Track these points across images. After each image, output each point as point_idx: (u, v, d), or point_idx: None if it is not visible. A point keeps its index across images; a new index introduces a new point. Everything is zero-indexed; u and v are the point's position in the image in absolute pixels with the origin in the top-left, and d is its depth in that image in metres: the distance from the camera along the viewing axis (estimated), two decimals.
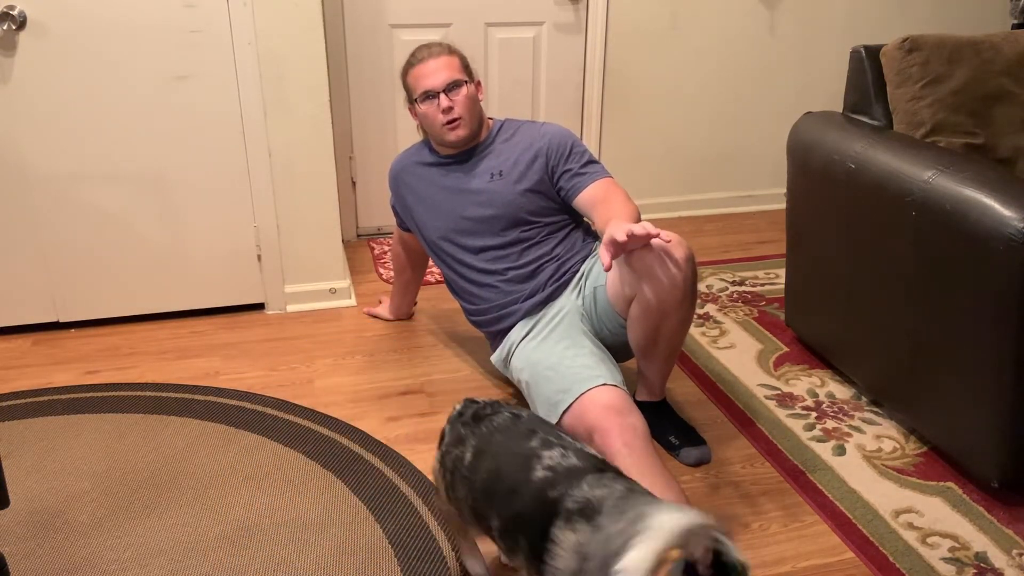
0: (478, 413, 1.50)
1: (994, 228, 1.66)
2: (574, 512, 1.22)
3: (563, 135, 2.21)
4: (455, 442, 1.48)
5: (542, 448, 1.36)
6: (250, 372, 2.45)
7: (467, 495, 1.43)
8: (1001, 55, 2.21)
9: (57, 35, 2.39)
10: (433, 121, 2.18)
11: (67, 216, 2.57)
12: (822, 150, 2.21)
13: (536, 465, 1.33)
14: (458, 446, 1.47)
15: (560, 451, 1.35)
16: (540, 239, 2.19)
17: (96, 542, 1.76)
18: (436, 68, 2.14)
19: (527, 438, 1.39)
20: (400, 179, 2.36)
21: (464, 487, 1.43)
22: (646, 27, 3.46)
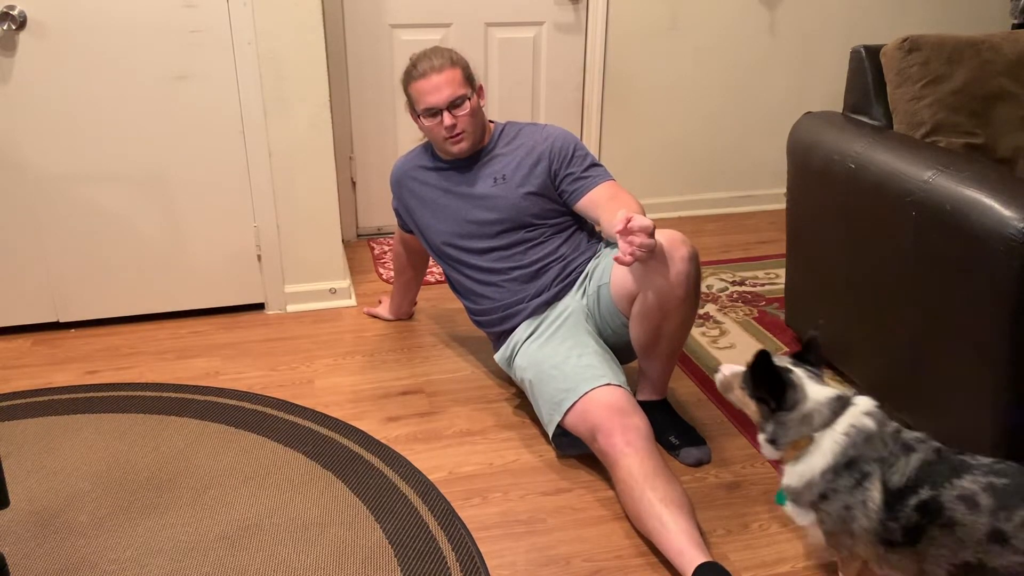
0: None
1: (994, 228, 1.66)
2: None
3: (565, 138, 2.20)
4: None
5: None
6: (250, 372, 2.45)
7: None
8: (1001, 55, 2.21)
9: (57, 35, 2.39)
10: (436, 135, 2.17)
11: (67, 216, 2.57)
12: (822, 150, 2.21)
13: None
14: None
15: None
16: (544, 239, 2.19)
17: (96, 542, 1.76)
18: (439, 84, 2.11)
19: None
20: (402, 183, 2.36)
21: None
22: (646, 27, 3.46)
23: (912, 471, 1.38)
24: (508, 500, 1.91)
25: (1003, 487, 1.32)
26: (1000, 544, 1.29)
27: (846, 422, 1.43)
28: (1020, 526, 1.28)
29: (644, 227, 1.72)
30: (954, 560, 1.33)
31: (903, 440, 1.42)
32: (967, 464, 1.37)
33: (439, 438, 2.14)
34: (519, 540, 1.79)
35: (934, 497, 1.35)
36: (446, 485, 1.95)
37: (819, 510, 1.46)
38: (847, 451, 1.41)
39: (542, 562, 1.73)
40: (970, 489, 1.33)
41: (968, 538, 1.31)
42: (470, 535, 1.79)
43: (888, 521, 1.38)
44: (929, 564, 1.36)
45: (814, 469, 1.44)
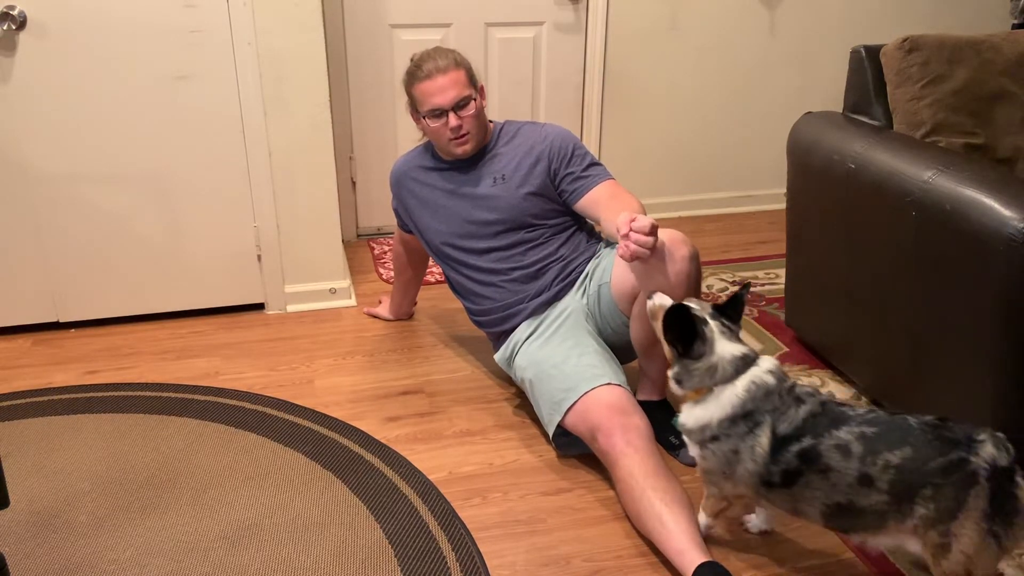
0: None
1: (994, 228, 1.66)
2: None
3: (564, 138, 2.20)
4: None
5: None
6: (250, 372, 2.45)
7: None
8: (1001, 55, 2.21)
9: (57, 35, 2.39)
10: (441, 136, 2.17)
11: (67, 216, 2.57)
12: (822, 150, 2.21)
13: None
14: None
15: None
16: (544, 240, 2.19)
17: (96, 542, 1.76)
18: (444, 86, 2.10)
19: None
20: (402, 183, 2.36)
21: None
22: (646, 27, 3.46)
23: (799, 421, 1.50)
24: (508, 500, 1.91)
25: (872, 435, 1.45)
26: (867, 487, 1.43)
27: (747, 378, 1.54)
28: (883, 469, 1.42)
29: (641, 227, 1.72)
30: (827, 501, 1.48)
31: (796, 393, 1.54)
32: (846, 415, 1.50)
33: (439, 438, 2.14)
34: (519, 540, 1.79)
35: (814, 446, 1.48)
36: (446, 485, 1.95)
37: (705, 448, 1.59)
38: (745, 404, 1.53)
39: (542, 562, 1.73)
40: (845, 439, 1.46)
41: (840, 482, 1.45)
42: (470, 535, 1.79)
43: (770, 465, 1.51)
44: (803, 504, 1.51)
45: (711, 416, 1.56)
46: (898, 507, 1.42)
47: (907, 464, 1.40)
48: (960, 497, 1.36)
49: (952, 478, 1.37)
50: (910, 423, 1.45)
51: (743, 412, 1.53)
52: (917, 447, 1.41)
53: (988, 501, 1.35)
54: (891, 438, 1.43)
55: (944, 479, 1.38)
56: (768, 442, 1.51)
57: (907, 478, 1.40)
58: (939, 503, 1.38)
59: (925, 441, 1.41)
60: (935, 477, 1.38)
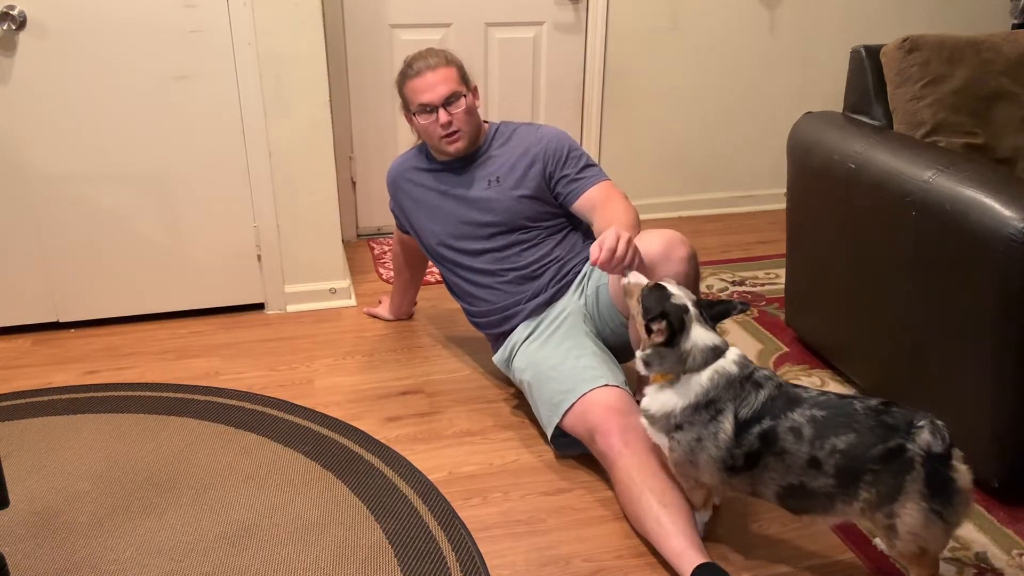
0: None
1: (994, 228, 1.66)
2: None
3: (559, 139, 2.20)
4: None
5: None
6: (250, 372, 2.45)
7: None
8: (1001, 55, 2.21)
9: (57, 35, 2.39)
10: (432, 134, 2.17)
11: (67, 216, 2.57)
12: (822, 150, 2.21)
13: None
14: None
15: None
16: (539, 241, 2.19)
17: (96, 542, 1.76)
18: (434, 82, 2.12)
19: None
20: (398, 185, 2.36)
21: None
22: (646, 27, 3.46)
23: (759, 404, 1.54)
24: (508, 500, 1.91)
25: (821, 418, 1.49)
26: (816, 469, 1.48)
27: (712, 368, 1.57)
28: (830, 453, 1.47)
29: (610, 250, 1.70)
30: (781, 483, 1.53)
31: (755, 379, 1.57)
32: (800, 398, 1.54)
33: (439, 438, 2.14)
34: (519, 540, 1.79)
35: (772, 427, 1.52)
36: (446, 485, 1.95)
37: (672, 438, 1.61)
38: (708, 393, 1.56)
39: (542, 562, 1.73)
40: (798, 421, 1.50)
41: (793, 464, 1.50)
42: (470, 535, 1.79)
43: (734, 449, 1.55)
44: (760, 486, 1.56)
45: (675, 404, 1.59)
46: (844, 490, 1.47)
47: (851, 450, 1.45)
48: (898, 482, 1.42)
49: (890, 465, 1.42)
50: (855, 408, 1.49)
51: (706, 401, 1.56)
52: (860, 433, 1.46)
53: (924, 484, 1.41)
54: (837, 423, 1.48)
55: (883, 465, 1.43)
56: (731, 428, 1.54)
57: (850, 464, 1.45)
58: (879, 488, 1.43)
59: (868, 427, 1.46)
60: (875, 463, 1.43)
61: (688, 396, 1.58)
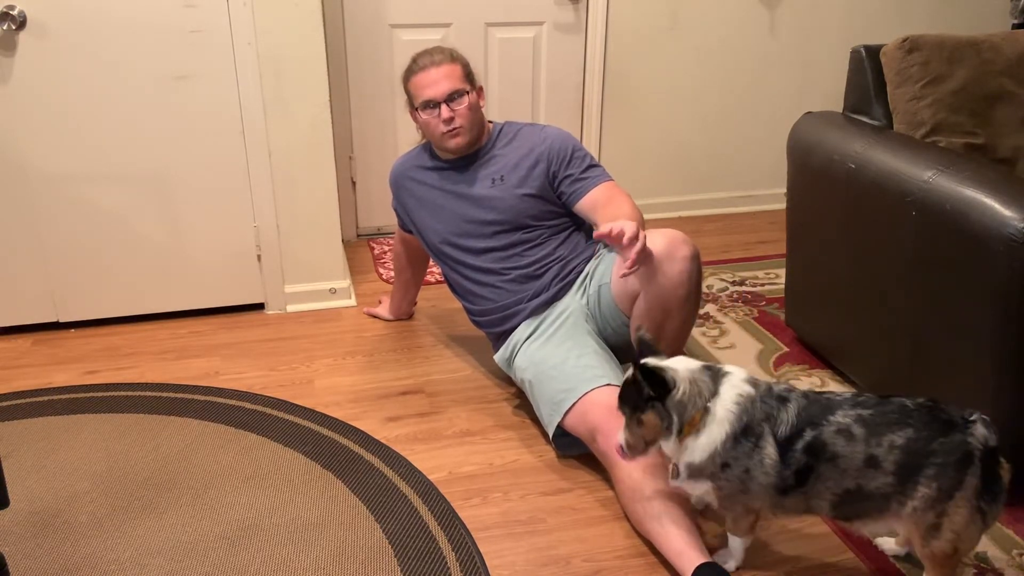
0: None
1: (994, 228, 1.66)
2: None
3: (563, 139, 2.20)
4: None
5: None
6: (250, 372, 2.45)
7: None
8: (1001, 55, 2.21)
9: (57, 35, 2.39)
10: (434, 129, 2.18)
11: (67, 216, 2.57)
12: (822, 150, 2.21)
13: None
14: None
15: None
16: (542, 240, 2.19)
17: (96, 542, 1.76)
18: (438, 77, 2.13)
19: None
20: (400, 183, 2.36)
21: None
22: (646, 27, 3.46)
23: (793, 418, 1.49)
24: (508, 500, 1.91)
25: (870, 417, 1.46)
26: (874, 468, 1.44)
27: (733, 391, 1.52)
28: (888, 450, 1.43)
29: (629, 236, 1.73)
30: (837, 490, 1.47)
31: (776, 394, 1.53)
32: (834, 401, 1.51)
33: (439, 438, 2.14)
34: (519, 540, 1.79)
35: (816, 436, 1.47)
36: (446, 485, 1.95)
37: (718, 479, 1.54)
38: (741, 417, 1.50)
39: (542, 562, 1.73)
40: (844, 423, 1.46)
41: (849, 467, 1.45)
42: (470, 535, 1.79)
43: (783, 471, 1.49)
44: (815, 500, 1.50)
45: (716, 440, 1.51)
46: (902, 488, 1.43)
47: (911, 445, 1.42)
48: (959, 476, 1.40)
49: (953, 458, 1.40)
50: (906, 404, 1.47)
51: (742, 428, 1.49)
52: (918, 428, 1.43)
53: (980, 479, 1.40)
54: (890, 419, 1.45)
55: (946, 459, 1.41)
56: (775, 451, 1.48)
57: (911, 459, 1.42)
58: (941, 482, 1.41)
59: (924, 422, 1.43)
60: (938, 457, 1.41)
61: (723, 425, 1.50)
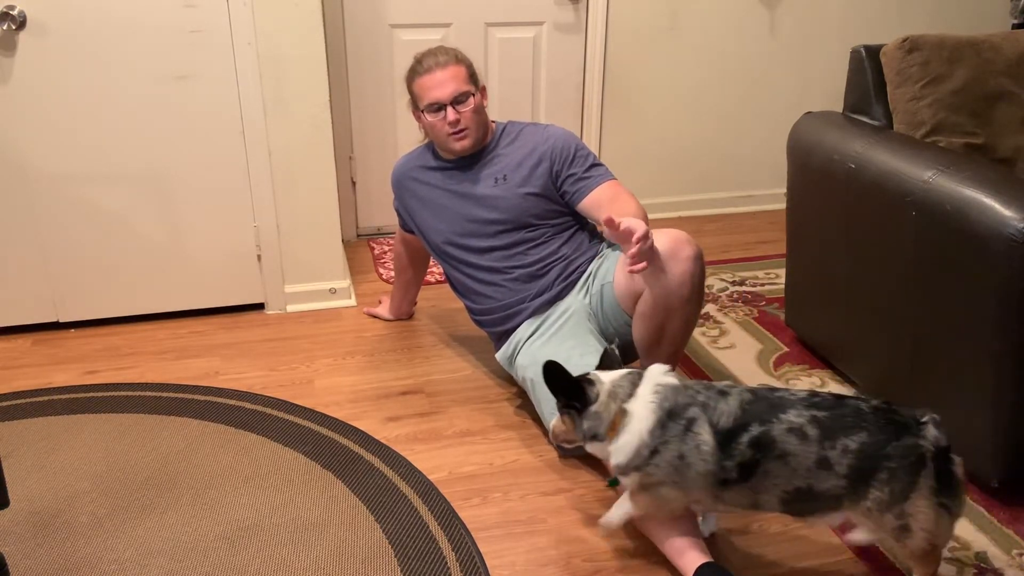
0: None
1: (994, 228, 1.66)
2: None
3: (566, 138, 2.20)
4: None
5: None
6: (250, 372, 2.45)
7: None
8: (1001, 55, 2.21)
9: (57, 35, 2.39)
10: (439, 132, 2.18)
11: (67, 216, 2.57)
12: (822, 150, 2.21)
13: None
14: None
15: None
16: (545, 240, 2.19)
17: (96, 542, 1.76)
18: (443, 80, 2.12)
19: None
20: (403, 183, 2.36)
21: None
22: (646, 27, 3.46)
23: (736, 409, 1.49)
24: (508, 500, 1.91)
25: (824, 418, 1.46)
26: (826, 470, 1.44)
27: (651, 384, 1.55)
28: (842, 453, 1.44)
29: (638, 236, 1.73)
30: (787, 487, 1.48)
31: (715, 387, 1.54)
32: (786, 399, 1.50)
33: (439, 438, 2.14)
34: (519, 540, 1.79)
35: (765, 432, 1.46)
36: (446, 485, 1.95)
37: (647, 466, 1.52)
38: (662, 404, 1.51)
39: (542, 562, 1.73)
40: (797, 422, 1.46)
41: (800, 466, 1.45)
42: (470, 535, 1.79)
43: (724, 461, 1.48)
44: (763, 495, 1.50)
45: (640, 432, 1.52)
46: (854, 490, 1.45)
47: (865, 449, 1.43)
48: (912, 479, 1.42)
49: (906, 462, 1.42)
50: (862, 407, 1.47)
51: (666, 412, 1.50)
52: (872, 432, 1.44)
53: (935, 479, 1.42)
54: (846, 423, 1.45)
55: (899, 463, 1.42)
56: (712, 438, 1.48)
57: (865, 463, 1.43)
58: (893, 486, 1.42)
59: (879, 426, 1.44)
60: (891, 461, 1.42)
61: (645, 417, 1.51)
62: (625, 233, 1.73)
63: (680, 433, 1.49)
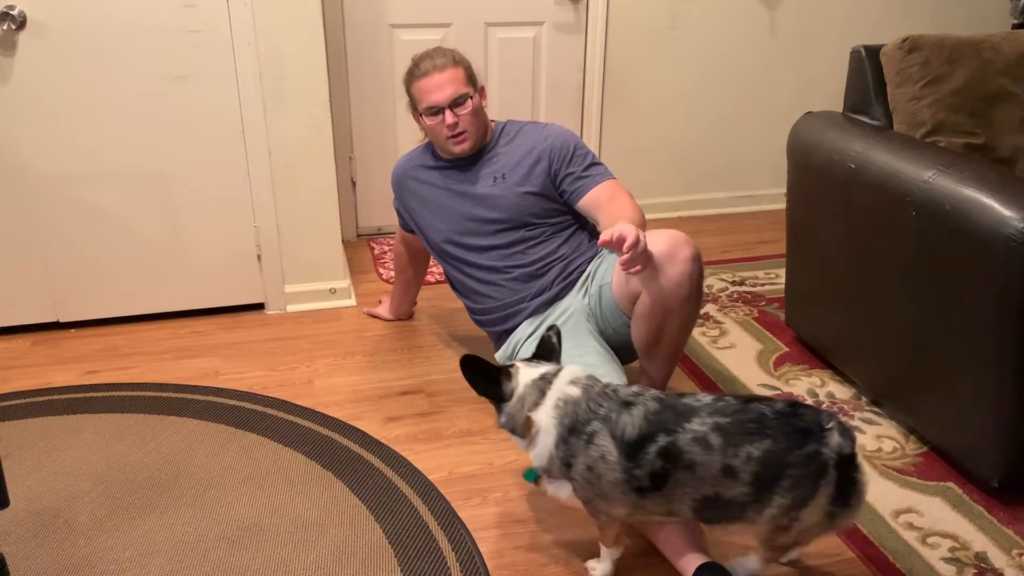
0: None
1: (994, 228, 1.67)
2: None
3: (565, 137, 2.20)
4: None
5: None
6: (250, 372, 2.45)
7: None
8: (1001, 55, 2.21)
9: (57, 35, 2.39)
10: (439, 134, 2.18)
11: (67, 216, 2.57)
12: (822, 150, 2.21)
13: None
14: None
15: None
16: (544, 239, 2.19)
17: (96, 542, 1.76)
18: (441, 83, 2.12)
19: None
20: (403, 183, 2.37)
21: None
22: (646, 27, 3.46)
23: (640, 421, 1.49)
24: (508, 500, 1.91)
25: (727, 425, 1.45)
26: (731, 478, 1.44)
27: (553, 397, 1.55)
28: (745, 461, 1.43)
29: (629, 243, 1.73)
30: (696, 496, 1.48)
31: (620, 398, 1.53)
32: (691, 407, 1.50)
33: (439, 438, 2.14)
34: (519, 540, 1.79)
35: (672, 442, 1.47)
36: (446, 485, 1.95)
37: (571, 479, 1.56)
38: (563, 420, 1.53)
39: (542, 562, 1.73)
40: (700, 431, 1.46)
41: (707, 475, 1.46)
42: (470, 535, 1.79)
43: (634, 470, 1.49)
44: (676, 504, 1.51)
45: (548, 445, 1.55)
46: (759, 497, 1.44)
47: (768, 456, 1.43)
48: (814, 487, 1.42)
49: (809, 469, 1.42)
50: (764, 412, 1.46)
51: (566, 429, 1.52)
52: (775, 439, 1.43)
53: (835, 487, 1.42)
54: (748, 429, 1.45)
55: (802, 471, 1.42)
56: (615, 449, 1.49)
57: (768, 471, 1.43)
58: (795, 493, 1.42)
59: (782, 433, 1.43)
60: (794, 469, 1.42)
61: (549, 432, 1.54)
62: (618, 240, 1.73)
63: (583, 447, 1.51)
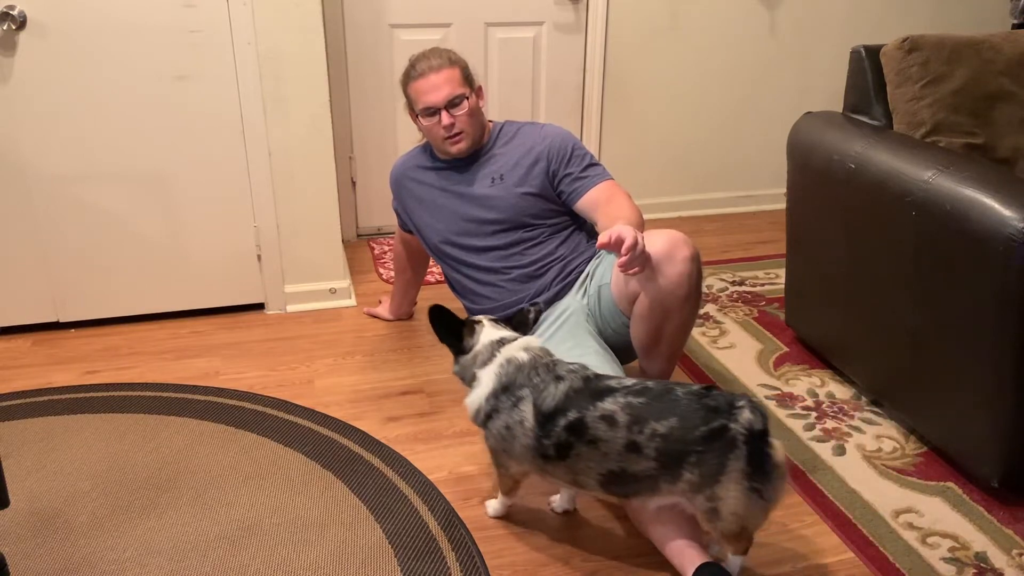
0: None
1: (994, 228, 1.67)
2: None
3: (563, 138, 2.20)
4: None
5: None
6: (250, 372, 2.45)
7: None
8: (1001, 55, 2.21)
9: (57, 35, 2.39)
10: (435, 135, 2.18)
11: (67, 216, 2.57)
12: (822, 150, 2.21)
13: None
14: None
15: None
16: (543, 240, 2.19)
17: (96, 542, 1.76)
18: (437, 84, 2.12)
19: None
20: (401, 183, 2.37)
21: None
22: (646, 27, 3.46)
23: (560, 395, 1.59)
24: None
25: (639, 404, 1.53)
26: (636, 453, 1.51)
27: (502, 357, 1.67)
28: (650, 437, 1.50)
29: (627, 244, 1.73)
30: (600, 470, 1.56)
31: (556, 372, 1.64)
32: (611, 388, 1.58)
33: (439, 438, 2.14)
34: (519, 540, 1.79)
35: (579, 419, 1.56)
36: (446, 485, 1.95)
37: (487, 428, 1.69)
38: (501, 377, 1.66)
39: (542, 562, 1.73)
40: (610, 409, 1.54)
41: (610, 451, 1.54)
42: (470, 535, 1.79)
43: (543, 439, 1.60)
44: (580, 476, 1.60)
45: (481, 396, 1.69)
46: (667, 472, 1.50)
47: (673, 433, 1.49)
48: (722, 461, 1.46)
49: (714, 444, 1.47)
50: (677, 393, 1.54)
51: (501, 386, 1.65)
52: (683, 416, 1.49)
53: (746, 462, 1.46)
54: (658, 408, 1.52)
55: (707, 446, 1.47)
56: (533, 416, 1.60)
57: (673, 446, 1.49)
58: (702, 468, 1.47)
59: (690, 410, 1.49)
60: (698, 444, 1.47)
61: (486, 385, 1.67)
62: (616, 242, 1.73)
63: (509, 408, 1.64)
